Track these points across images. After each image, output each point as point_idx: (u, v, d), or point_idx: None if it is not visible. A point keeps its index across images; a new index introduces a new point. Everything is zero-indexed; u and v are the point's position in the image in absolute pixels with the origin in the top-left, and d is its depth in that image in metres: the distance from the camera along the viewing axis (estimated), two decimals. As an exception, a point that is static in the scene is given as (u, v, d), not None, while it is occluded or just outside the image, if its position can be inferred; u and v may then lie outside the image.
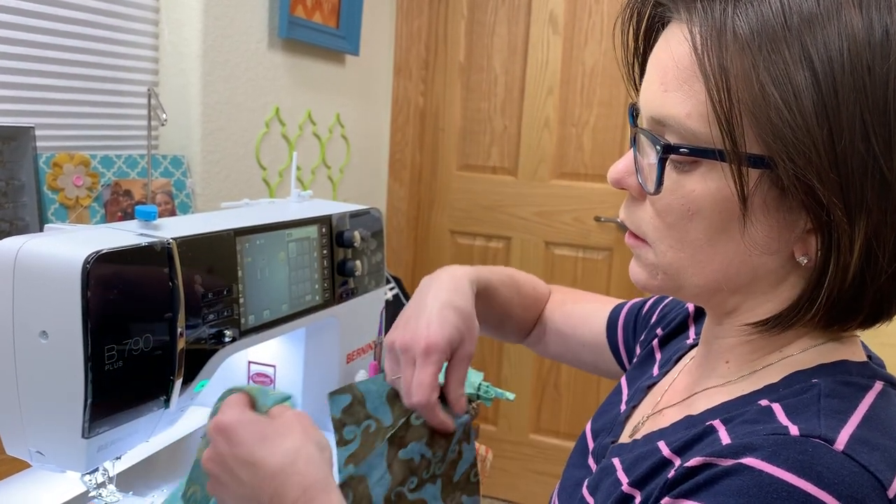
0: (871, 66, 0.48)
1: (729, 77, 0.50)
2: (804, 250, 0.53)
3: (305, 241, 1.03)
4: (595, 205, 2.53)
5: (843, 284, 0.51)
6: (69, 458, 0.75)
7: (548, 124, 2.55)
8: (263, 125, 1.91)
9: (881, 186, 0.49)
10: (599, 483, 0.63)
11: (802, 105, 0.48)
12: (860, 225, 0.49)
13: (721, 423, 0.54)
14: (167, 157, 1.64)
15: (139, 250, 0.76)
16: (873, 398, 0.53)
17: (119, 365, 0.74)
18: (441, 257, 2.75)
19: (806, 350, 0.57)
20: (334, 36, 2.15)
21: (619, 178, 0.60)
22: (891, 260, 0.51)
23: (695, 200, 0.54)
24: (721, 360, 0.62)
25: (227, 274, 0.88)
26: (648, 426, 0.67)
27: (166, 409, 0.82)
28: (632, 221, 0.61)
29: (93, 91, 1.54)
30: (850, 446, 0.47)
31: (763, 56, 0.49)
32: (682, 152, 0.53)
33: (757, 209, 0.52)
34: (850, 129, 0.48)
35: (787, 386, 0.55)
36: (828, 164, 0.48)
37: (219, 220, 0.93)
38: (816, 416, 0.50)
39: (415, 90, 2.60)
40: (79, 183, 1.45)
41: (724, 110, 0.50)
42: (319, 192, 2.23)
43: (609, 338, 0.92)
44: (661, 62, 0.55)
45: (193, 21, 1.66)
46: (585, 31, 2.48)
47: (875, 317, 0.55)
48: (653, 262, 0.59)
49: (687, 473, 0.50)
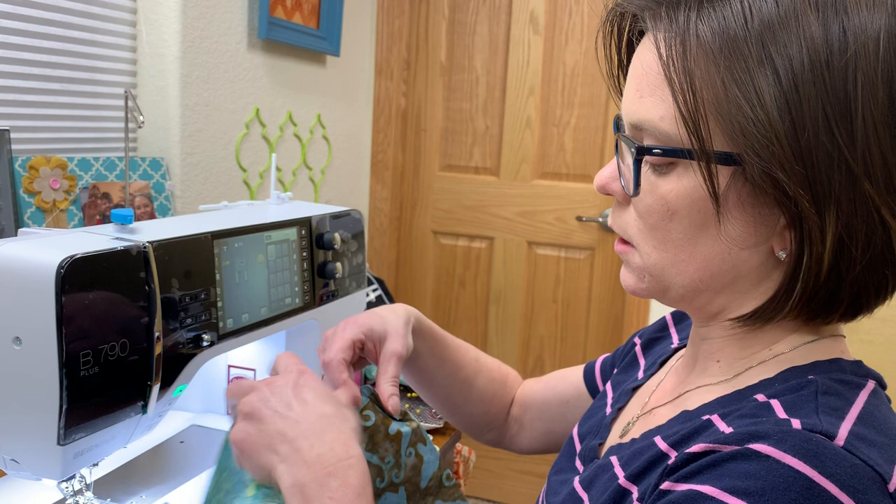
0: (830, 61, 0.49)
1: (694, 80, 0.52)
2: (783, 245, 0.54)
3: (285, 244, 1.03)
4: (577, 204, 2.54)
5: (818, 276, 0.53)
6: (45, 466, 0.74)
7: (529, 124, 2.55)
8: (243, 126, 1.90)
9: (848, 178, 0.50)
10: (594, 479, 0.63)
11: (765, 101, 0.50)
12: (830, 216, 0.51)
13: (719, 417, 0.55)
14: (146, 160, 1.63)
15: (114, 254, 0.75)
16: (867, 396, 0.54)
17: (94, 371, 0.73)
18: (424, 258, 2.75)
19: (797, 347, 0.58)
20: (314, 36, 2.14)
21: (604, 183, 0.62)
22: (864, 251, 0.52)
23: (673, 201, 0.56)
24: (712, 360, 0.63)
25: (204, 277, 0.87)
26: (640, 426, 0.67)
27: (144, 415, 0.81)
28: (618, 226, 0.63)
29: (70, 93, 1.52)
30: (849, 441, 0.48)
31: (725, 58, 0.51)
32: (654, 153, 0.56)
33: (732, 206, 0.54)
34: (814, 123, 0.49)
35: (783, 381, 0.56)
36: (792, 156, 0.50)
37: (196, 222, 0.92)
38: (815, 412, 0.51)
39: (396, 90, 2.60)
40: (56, 186, 1.44)
41: (690, 111, 0.52)
42: (301, 193, 2.22)
43: (587, 382, 0.93)
44: (635, 70, 0.58)
45: (171, 22, 1.64)
46: (566, 32, 2.48)
47: (855, 309, 0.56)
48: (639, 266, 0.61)
49: (688, 459, 0.51)
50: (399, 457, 0.72)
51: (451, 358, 0.90)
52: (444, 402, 0.93)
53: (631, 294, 0.64)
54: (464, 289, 2.72)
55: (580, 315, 2.59)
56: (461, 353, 0.92)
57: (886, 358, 2.13)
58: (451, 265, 2.72)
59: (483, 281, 2.69)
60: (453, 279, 2.73)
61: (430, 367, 0.88)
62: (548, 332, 2.64)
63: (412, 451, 0.73)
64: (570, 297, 2.60)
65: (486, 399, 0.94)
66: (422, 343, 0.86)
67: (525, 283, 2.64)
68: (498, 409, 0.95)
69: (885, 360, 2.12)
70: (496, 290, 2.68)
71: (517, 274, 2.64)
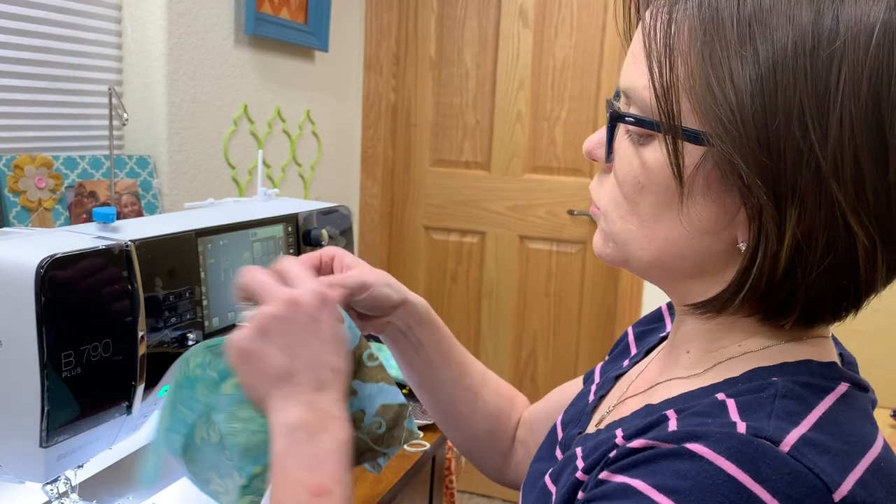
0: (815, 50, 0.47)
1: (672, 52, 0.50)
2: (744, 236, 0.52)
3: (271, 241, 1.02)
4: (568, 198, 2.53)
5: (772, 274, 0.50)
6: (27, 469, 0.73)
7: (520, 118, 2.55)
8: (231, 123, 1.89)
9: (815, 177, 0.47)
10: (562, 472, 0.63)
11: (737, 83, 0.48)
12: (791, 214, 0.48)
13: (674, 412, 0.54)
14: (133, 158, 1.61)
15: (96, 253, 0.74)
16: (833, 401, 0.52)
17: (77, 371, 0.72)
18: (416, 253, 2.74)
19: (769, 347, 0.56)
20: (302, 32, 2.12)
21: (590, 148, 0.61)
22: (823, 255, 0.49)
23: (644, 173, 0.54)
24: (682, 351, 0.62)
25: (189, 276, 0.86)
26: (612, 416, 0.67)
27: (129, 416, 0.80)
28: (595, 192, 0.62)
29: (55, 91, 1.51)
30: (796, 448, 0.46)
31: (707, 34, 0.49)
32: (627, 121, 0.54)
33: (698, 189, 0.52)
34: (787, 113, 0.47)
35: (747, 381, 0.54)
36: (757, 145, 0.47)
37: (181, 220, 0.91)
38: (768, 416, 0.49)
39: (386, 85, 2.59)
40: (41, 185, 1.42)
41: (664, 85, 0.50)
42: (290, 190, 2.21)
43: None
44: (636, 35, 0.56)
45: (157, 19, 1.63)
46: (556, 25, 2.48)
47: (810, 316, 0.53)
48: (605, 230, 0.61)
49: (626, 453, 0.50)
50: None
51: (457, 360, 0.87)
52: (448, 411, 0.88)
53: (597, 255, 0.64)
54: (456, 284, 2.71)
55: (573, 309, 2.59)
56: (468, 359, 0.89)
57: (875, 350, 2.13)
58: (443, 260, 2.72)
59: (475, 276, 2.69)
60: (445, 274, 2.72)
61: (435, 365, 0.85)
62: (541, 325, 2.64)
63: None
64: (562, 290, 2.59)
65: (493, 415, 0.90)
66: (428, 333, 0.83)
67: (517, 278, 2.64)
68: (505, 428, 0.91)
69: (874, 352, 2.12)
70: (488, 285, 2.67)
71: (509, 268, 2.64)
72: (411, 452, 1.32)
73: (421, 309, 0.82)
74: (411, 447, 1.34)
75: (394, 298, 0.79)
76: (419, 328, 0.83)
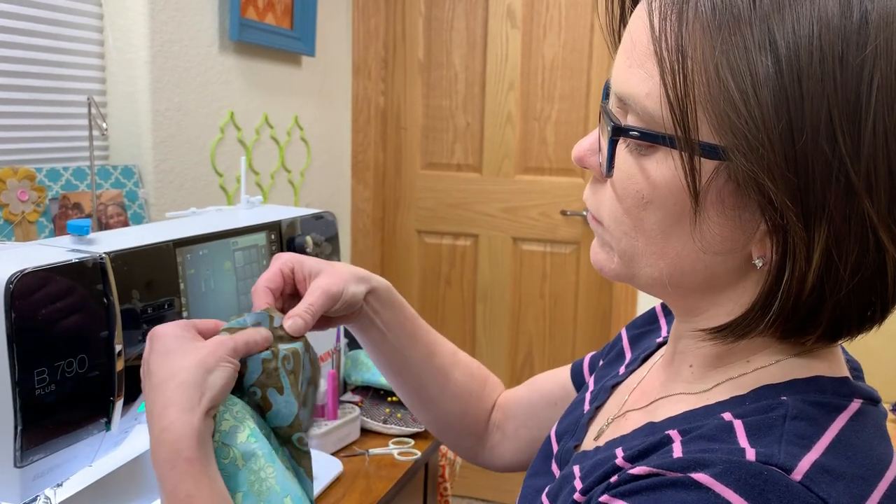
0: (844, 56, 0.43)
1: (686, 60, 0.46)
2: (761, 252, 0.49)
3: (253, 249, 1.00)
4: (560, 199, 2.52)
5: (800, 294, 0.47)
6: (2, 489, 0.71)
7: (510, 119, 2.53)
8: (218, 131, 1.87)
9: (846, 192, 0.44)
10: (560, 491, 0.60)
11: (760, 94, 0.43)
12: (819, 233, 0.45)
13: (678, 433, 0.51)
14: (118, 168, 1.60)
15: (69, 267, 0.72)
16: (845, 421, 0.49)
17: (52, 388, 0.70)
18: (408, 257, 2.72)
19: (778, 362, 0.53)
20: (288, 37, 2.11)
21: (581, 156, 0.57)
22: (853, 273, 0.46)
23: (650, 187, 0.50)
24: (685, 363, 0.59)
25: (167, 287, 0.85)
26: (612, 431, 0.64)
27: (108, 432, 0.78)
28: (592, 203, 0.58)
29: (37, 102, 1.49)
30: (809, 476, 0.44)
31: (723, 38, 0.44)
32: (632, 135, 0.50)
33: (710, 204, 0.48)
34: (814, 126, 0.43)
35: (755, 400, 0.51)
36: (784, 162, 0.43)
37: (158, 231, 0.89)
38: (778, 441, 0.46)
39: (375, 89, 2.57)
40: (24, 198, 1.40)
41: (678, 95, 0.46)
42: (280, 197, 2.20)
43: (575, 381, 0.86)
44: (630, 35, 0.51)
45: (139, 26, 1.61)
46: (544, 25, 2.46)
47: (834, 333, 0.50)
48: (609, 245, 0.56)
49: (629, 479, 0.48)
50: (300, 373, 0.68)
51: (425, 339, 0.85)
52: (418, 394, 0.87)
53: (599, 271, 0.59)
54: (450, 287, 2.70)
55: (568, 310, 2.57)
56: (436, 340, 0.87)
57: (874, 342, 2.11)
58: (437, 264, 2.70)
59: (469, 279, 2.67)
60: (439, 278, 2.70)
61: (402, 346, 0.83)
62: (536, 328, 2.62)
63: (257, 391, 0.66)
64: (557, 292, 2.58)
65: (464, 396, 0.88)
66: (392, 315, 0.81)
67: (511, 280, 2.62)
68: (477, 410, 0.89)
69: (873, 345, 2.10)
70: (483, 288, 2.66)
71: (503, 271, 2.62)
72: (402, 461, 1.31)
73: (384, 293, 0.81)
74: (402, 455, 1.32)
75: (361, 293, 0.77)
76: (384, 312, 0.81)
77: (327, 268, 0.75)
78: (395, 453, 1.32)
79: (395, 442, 1.36)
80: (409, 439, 1.37)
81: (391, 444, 1.35)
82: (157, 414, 0.60)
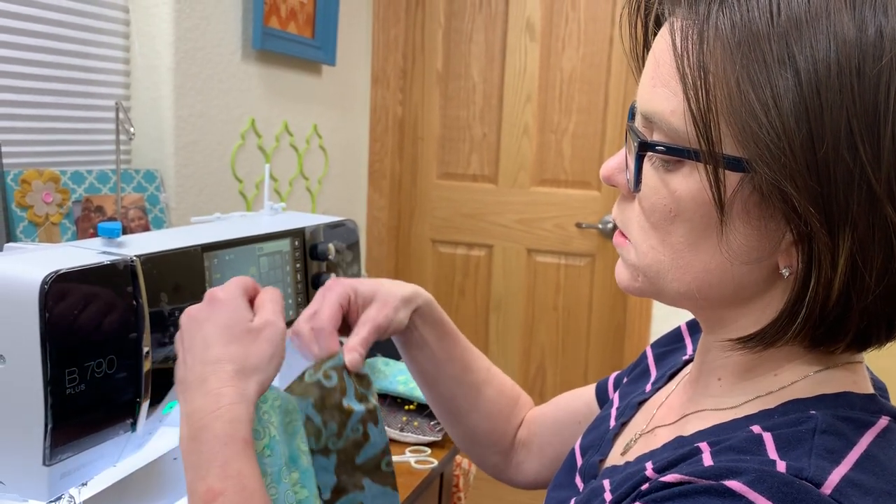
0: (861, 68, 0.44)
1: (707, 76, 0.48)
2: (787, 262, 0.50)
3: (277, 255, 1.01)
4: (576, 211, 2.52)
5: (826, 302, 0.48)
6: (30, 487, 0.72)
7: (527, 131, 2.54)
8: (239, 137, 1.89)
9: (868, 199, 0.45)
10: (588, 503, 0.61)
11: (781, 106, 0.45)
12: (843, 239, 0.46)
13: (707, 444, 0.51)
14: (140, 172, 1.61)
15: (100, 269, 0.73)
16: (873, 437, 0.50)
17: (81, 388, 0.71)
18: (423, 267, 2.73)
19: (807, 376, 0.54)
20: (310, 46, 2.13)
21: (609, 174, 0.58)
22: (879, 279, 0.47)
23: (677, 201, 0.52)
24: (713, 377, 0.59)
25: (195, 291, 0.86)
26: (640, 446, 0.64)
27: (133, 433, 0.79)
28: (621, 220, 0.59)
29: (63, 106, 1.51)
30: (839, 489, 0.44)
31: (743, 54, 0.46)
32: (658, 150, 0.51)
33: (736, 215, 0.49)
34: (835, 135, 0.44)
35: (784, 414, 0.52)
36: (806, 170, 0.45)
37: (186, 235, 0.91)
38: (808, 454, 0.47)
39: (393, 99, 2.59)
40: (48, 200, 1.42)
41: (701, 110, 0.48)
42: (298, 204, 2.21)
43: (600, 399, 0.87)
44: (653, 56, 0.53)
45: (164, 34, 1.63)
46: (563, 38, 2.47)
47: (863, 340, 0.51)
48: (634, 263, 0.57)
49: (660, 487, 0.48)
50: (343, 429, 0.71)
51: (461, 357, 0.86)
52: (448, 407, 0.88)
53: (623, 290, 0.60)
54: (463, 297, 2.70)
55: (581, 323, 2.57)
56: (473, 356, 0.88)
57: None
58: (451, 274, 2.71)
59: (483, 289, 2.68)
60: (453, 288, 2.71)
61: (438, 361, 0.84)
62: (549, 340, 2.62)
63: (360, 428, 0.71)
64: (570, 304, 2.58)
65: (494, 413, 0.89)
66: (430, 332, 0.83)
67: (525, 291, 2.62)
68: (505, 428, 0.90)
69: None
70: (496, 299, 2.66)
71: (517, 282, 2.63)
72: (419, 469, 1.31)
73: (427, 309, 0.82)
74: (419, 464, 1.32)
75: (407, 317, 0.79)
76: (425, 328, 0.83)
77: (378, 296, 0.77)
78: (411, 461, 1.32)
79: (411, 450, 1.37)
80: (425, 448, 1.37)
81: (408, 452, 1.36)
82: (215, 391, 0.63)
